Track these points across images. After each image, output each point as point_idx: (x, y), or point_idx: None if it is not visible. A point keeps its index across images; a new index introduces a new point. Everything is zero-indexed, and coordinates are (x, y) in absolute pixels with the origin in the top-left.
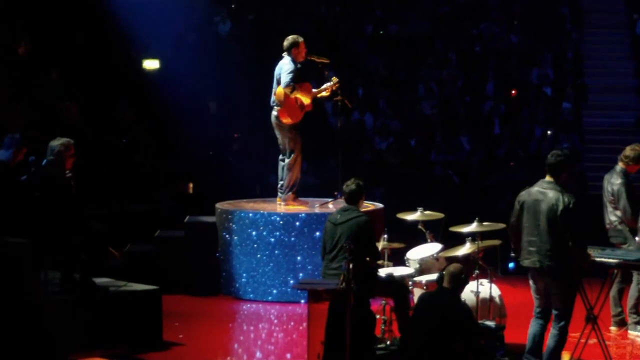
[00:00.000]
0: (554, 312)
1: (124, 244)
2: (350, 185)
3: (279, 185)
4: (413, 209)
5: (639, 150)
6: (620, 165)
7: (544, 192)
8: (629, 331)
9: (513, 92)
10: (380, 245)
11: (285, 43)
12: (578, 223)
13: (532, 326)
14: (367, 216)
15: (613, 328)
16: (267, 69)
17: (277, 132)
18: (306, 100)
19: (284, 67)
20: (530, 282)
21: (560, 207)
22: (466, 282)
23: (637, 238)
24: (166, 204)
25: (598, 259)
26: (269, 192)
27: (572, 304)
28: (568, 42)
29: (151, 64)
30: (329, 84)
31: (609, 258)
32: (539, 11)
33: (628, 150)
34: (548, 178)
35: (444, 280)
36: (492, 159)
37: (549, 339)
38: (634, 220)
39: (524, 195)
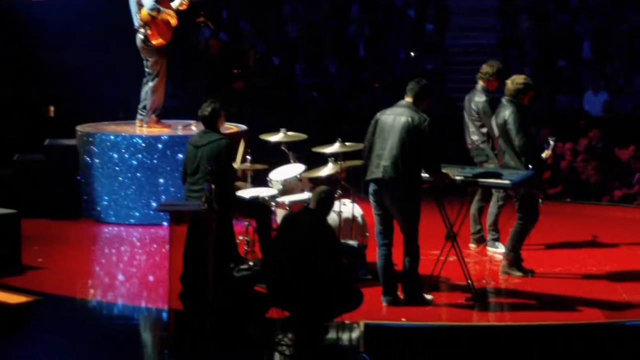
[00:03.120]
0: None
1: None
2: (205, 108)
3: (140, 107)
4: (277, 130)
5: (496, 65)
6: (480, 84)
7: (400, 110)
8: (488, 247)
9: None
10: (243, 166)
11: None
12: (431, 143)
13: (378, 259)
14: (227, 139)
15: (472, 245)
16: None
17: (142, 55)
18: (172, 18)
19: None
20: (371, 199)
21: (415, 125)
22: (331, 205)
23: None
24: (23, 127)
25: (457, 178)
26: (132, 115)
27: (417, 220)
28: None
29: None
30: None
31: (466, 176)
32: None
33: (486, 67)
34: (407, 99)
35: (311, 201)
36: (357, 82)
37: (404, 261)
38: None
39: (379, 114)
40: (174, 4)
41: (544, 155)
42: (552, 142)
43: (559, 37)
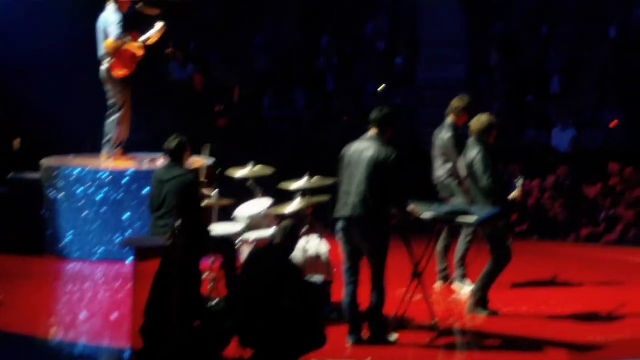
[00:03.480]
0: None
1: None
2: (171, 141)
3: (105, 140)
4: (244, 164)
5: (466, 99)
6: (449, 119)
7: (366, 144)
8: (455, 282)
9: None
10: (210, 201)
11: None
12: (399, 177)
13: (345, 297)
14: (192, 173)
15: (438, 283)
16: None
17: (106, 86)
18: (137, 50)
19: (110, 18)
20: (340, 235)
21: (381, 159)
22: (296, 239)
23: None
24: None
25: (423, 215)
26: (98, 149)
27: (385, 258)
28: None
29: None
30: (154, 30)
31: (433, 213)
32: None
33: (456, 101)
34: (372, 132)
35: (276, 237)
36: (326, 114)
37: (370, 298)
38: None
39: (346, 148)
40: (142, 38)
41: (512, 195)
42: (520, 181)
43: (528, 71)
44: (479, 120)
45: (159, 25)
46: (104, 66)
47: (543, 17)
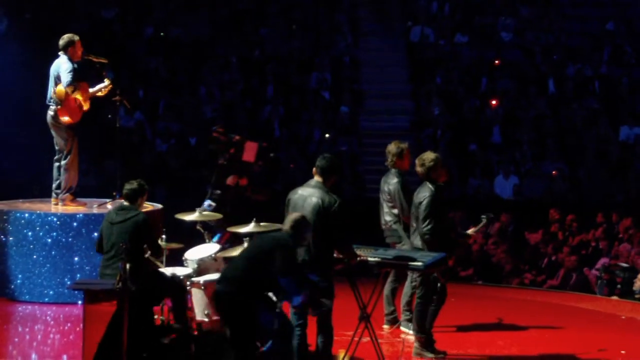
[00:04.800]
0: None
1: None
2: (132, 183)
3: (55, 186)
4: (192, 210)
5: (400, 145)
6: (393, 166)
7: (310, 191)
8: (402, 328)
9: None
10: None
11: (61, 42)
12: (342, 224)
13: (294, 339)
14: (144, 214)
15: (386, 326)
16: (45, 68)
17: (53, 132)
18: (85, 100)
19: (63, 66)
20: None
21: (325, 206)
22: (302, 233)
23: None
24: None
25: (370, 259)
26: (48, 193)
27: (331, 300)
28: (345, 47)
29: None
30: (102, 85)
31: (380, 258)
32: (316, 17)
33: (392, 147)
34: (317, 178)
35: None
36: (273, 162)
37: (317, 341)
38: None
39: (291, 194)
40: (91, 90)
41: (470, 231)
42: (484, 219)
43: (470, 121)
44: (424, 162)
45: (107, 81)
46: (51, 111)
47: (482, 71)
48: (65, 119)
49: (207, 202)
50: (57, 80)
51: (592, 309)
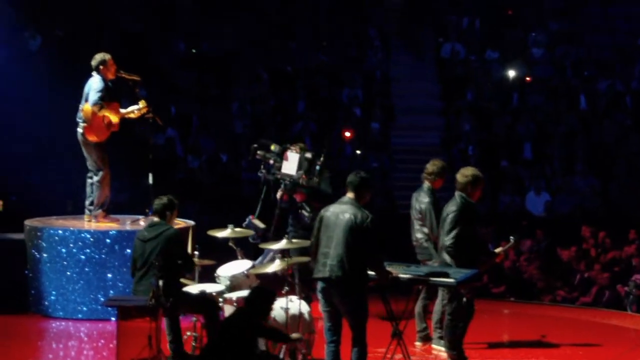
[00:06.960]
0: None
1: None
2: (162, 198)
3: (88, 203)
4: (224, 227)
5: (438, 164)
6: (426, 184)
7: (343, 207)
8: (433, 345)
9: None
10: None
11: (93, 62)
12: (374, 241)
13: (327, 356)
14: (175, 229)
15: (418, 343)
16: (76, 84)
17: (83, 149)
18: (114, 119)
19: (93, 86)
20: (320, 296)
21: (358, 223)
22: (260, 302)
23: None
24: None
25: (402, 276)
26: (81, 210)
27: (364, 318)
28: (376, 63)
29: None
30: (136, 107)
31: (412, 274)
32: (347, 32)
33: (429, 167)
34: (349, 195)
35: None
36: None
37: (351, 357)
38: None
39: (323, 211)
40: (125, 110)
41: (497, 250)
42: (512, 240)
43: (501, 137)
44: (463, 174)
45: (142, 103)
46: (80, 129)
47: (514, 86)
48: (92, 137)
49: (249, 219)
50: (87, 99)
51: (623, 326)
